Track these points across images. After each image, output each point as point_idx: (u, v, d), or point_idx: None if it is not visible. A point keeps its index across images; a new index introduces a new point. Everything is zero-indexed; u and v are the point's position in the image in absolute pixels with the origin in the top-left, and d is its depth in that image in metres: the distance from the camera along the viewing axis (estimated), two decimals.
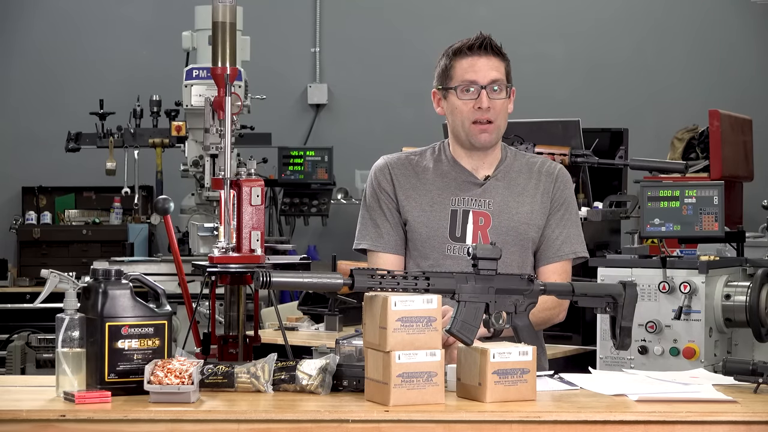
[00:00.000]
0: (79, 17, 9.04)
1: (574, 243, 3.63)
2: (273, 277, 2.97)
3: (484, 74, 3.52)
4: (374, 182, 3.63)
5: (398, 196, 3.60)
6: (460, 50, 3.55)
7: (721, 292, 4.73)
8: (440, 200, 3.58)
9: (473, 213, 3.57)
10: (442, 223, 3.56)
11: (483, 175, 3.60)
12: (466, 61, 3.53)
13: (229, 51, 3.46)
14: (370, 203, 3.63)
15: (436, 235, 3.56)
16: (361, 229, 3.65)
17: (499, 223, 3.56)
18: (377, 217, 3.61)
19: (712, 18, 8.75)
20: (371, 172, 3.66)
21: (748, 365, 3.11)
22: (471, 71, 3.52)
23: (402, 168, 3.63)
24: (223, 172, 3.40)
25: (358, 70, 9.10)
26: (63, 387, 2.98)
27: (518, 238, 3.57)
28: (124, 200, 8.15)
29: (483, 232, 3.55)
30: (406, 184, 3.60)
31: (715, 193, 4.75)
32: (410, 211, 3.58)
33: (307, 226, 8.51)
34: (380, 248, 3.60)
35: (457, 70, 3.54)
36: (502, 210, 3.57)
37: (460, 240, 3.55)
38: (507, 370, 2.92)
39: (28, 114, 8.97)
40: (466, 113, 3.53)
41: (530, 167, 3.65)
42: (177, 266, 3.89)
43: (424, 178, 3.60)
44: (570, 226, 3.63)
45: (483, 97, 3.51)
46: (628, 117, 7.90)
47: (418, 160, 3.64)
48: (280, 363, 3.08)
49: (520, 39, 8.75)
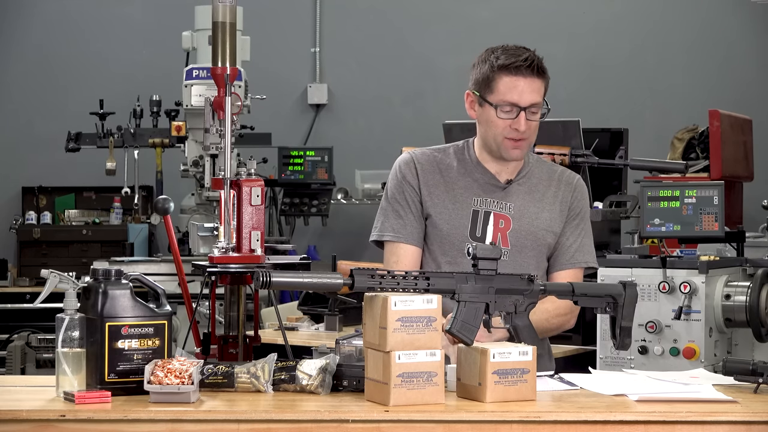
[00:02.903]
0: (79, 17, 9.04)
1: (587, 253, 3.67)
2: (273, 277, 2.97)
3: (527, 97, 3.51)
4: (399, 174, 3.64)
5: (422, 190, 3.61)
6: (506, 67, 3.51)
7: (721, 292, 4.73)
8: (463, 199, 3.59)
9: (494, 215, 3.59)
10: (463, 222, 3.58)
11: (505, 178, 3.62)
12: (511, 81, 3.51)
13: (229, 51, 3.46)
14: (394, 195, 3.63)
15: (456, 233, 3.58)
16: (383, 221, 3.64)
17: (519, 226, 3.58)
18: (400, 209, 3.62)
19: (712, 18, 8.74)
20: (396, 164, 3.66)
21: (748, 365, 3.12)
22: (515, 92, 3.50)
23: (427, 163, 3.63)
24: (223, 172, 3.40)
25: (358, 70, 9.10)
26: (63, 387, 2.98)
27: (536, 243, 3.59)
28: (124, 200, 8.14)
29: (503, 234, 3.57)
30: (430, 180, 3.61)
31: (715, 193, 4.75)
32: (433, 206, 3.60)
33: (307, 226, 8.50)
34: (402, 239, 3.61)
35: (500, 86, 3.51)
36: (522, 214, 3.59)
37: (480, 240, 3.56)
38: (507, 370, 2.93)
39: (28, 114, 8.96)
40: (501, 129, 3.53)
41: (551, 175, 3.67)
42: (177, 266, 3.89)
43: (447, 176, 3.62)
44: (585, 236, 3.67)
45: (521, 119, 3.51)
46: (628, 117, 7.90)
47: (442, 158, 3.65)
48: (280, 363, 3.09)
49: (521, 39, 8.67)
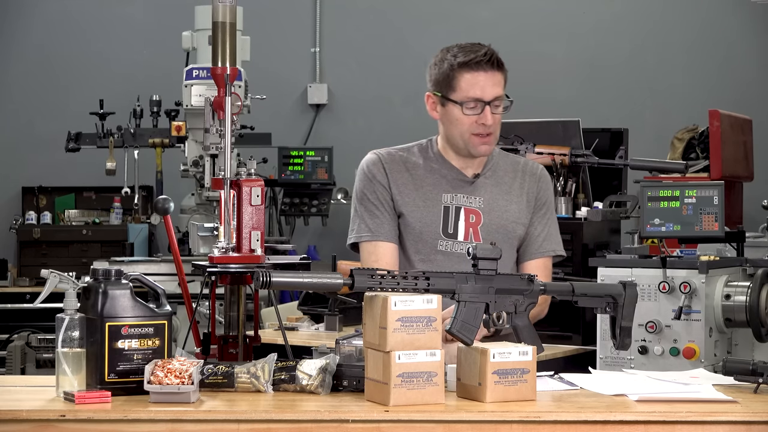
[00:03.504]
0: (80, 17, 9.03)
1: (554, 242, 3.73)
2: (273, 277, 2.97)
3: (490, 91, 3.53)
4: (368, 174, 3.66)
5: (392, 189, 3.63)
6: (466, 64, 3.52)
7: (721, 292, 4.73)
8: (432, 196, 3.62)
9: (465, 210, 3.62)
10: (435, 219, 3.60)
11: (472, 173, 3.65)
12: (472, 76, 3.52)
13: (229, 51, 3.46)
14: (365, 195, 3.65)
15: (429, 230, 3.60)
16: (359, 223, 3.66)
17: (489, 220, 3.62)
18: (374, 209, 3.64)
19: (712, 18, 8.74)
20: (363, 165, 3.68)
21: (748, 365, 3.12)
22: (477, 88, 3.52)
23: (393, 163, 3.66)
24: (223, 172, 3.40)
25: (358, 70, 9.09)
26: (63, 387, 2.98)
27: (507, 236, 3.62)
28: (124, 200, 8.13)
29: (474, 229, 3.61)
30: (399, 178, 3.64)
31: (715, 193, 4.74)
32: (404, 205, 3.62)
33: (307, 226, 8.50)
34: (381, 237, 3.62)
35: (462, 83, 3.53)
36: (492, 208, 3.63)
37: (452, 236, 3.60)
38: (507, 370, 2.93)
39: (28, 114, 8.96)
40: (468, 126, 3.56)
41: (515, 167, 3.71)
42: (177, 266, 3.89)
43: (415, 174, 3.64)
44: (551, 225, 3.73)
45: (487, 113, 3.53)
46: (628, 117, 7.89)
47: (407, 156, 3.68)
48: (280, 363, 3.09)
49: (520, 39, 8.74)
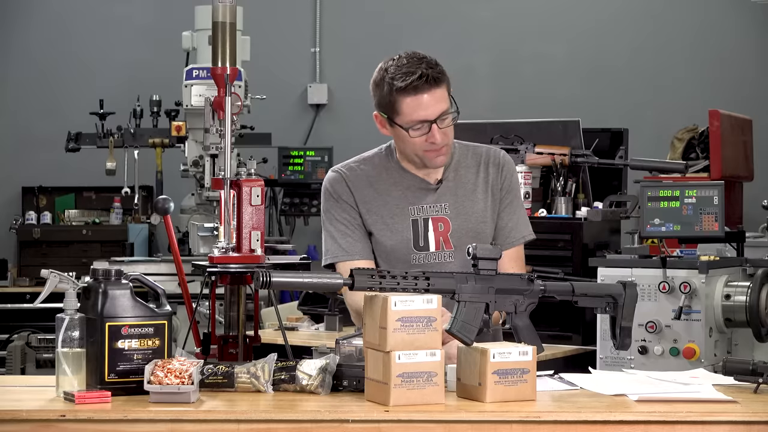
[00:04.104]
0: (79, 17, 9.03)
1: (522, 228, 3.65)
2: (273, 277, 2.97)
3: (433, 110, 3.43)
4: (334, 195, 3.58)
5: (359, 207, 3.56)
6: (403, 89, 3.43)
7: (721, 292, 4.73)
8: (399, 211, 3.56)
9: (432, 220, 3.56)
10: (405, 235, 3.55)
11: (434, 179, 3.59)
12: (412, 100, 3.43)
13: (229, 51, 3.46)
14: (334, 216, 3.57)
15: (401, 246, 3.55)
16: (332, 243, 3.57)
17: (457, 226, 3.56)
18: (344, 228, 3.56)
19: (711, 18, 8.74)
20: (326, 185, 3.59)
21: (748, 365, 3.12)
22: (420, 110, 3.43)
23: (357, 180, 3.58)
24: (223, 172, 3.40)
25: (358, 70, 9.03)
26: (63, 387, 2.98)
27: (477, 237, 3.54)
28: (124, 200, 8.13)
29: (444, 237, 3.55)
30: (365, 196, 3.57)
31: (715, 193, 4.75)
32: (373, 224, 3.56)
33: (307, 226, 8.50)
34: (357, 256, 3.54)
35: (404, 108, 3.45)
36: (458, 213, 3.57)
37: (423, 249, 3.55)
38: (507, 370, 2.93)
39: (28, 114, 8.96)
40: (419, 145, 3.48)
41: (477, 160, 3.63)
42: (177, 266, 3.90)
43: (379, 189, 3.58)
44: (517, 211, 3.65)
45: (435, 132, 3.45)
46: (628, 117, 7.88)
47: (368, 170, 3.60)
48: (280, 363, 3.09)
49: (521, 39, 8.75)
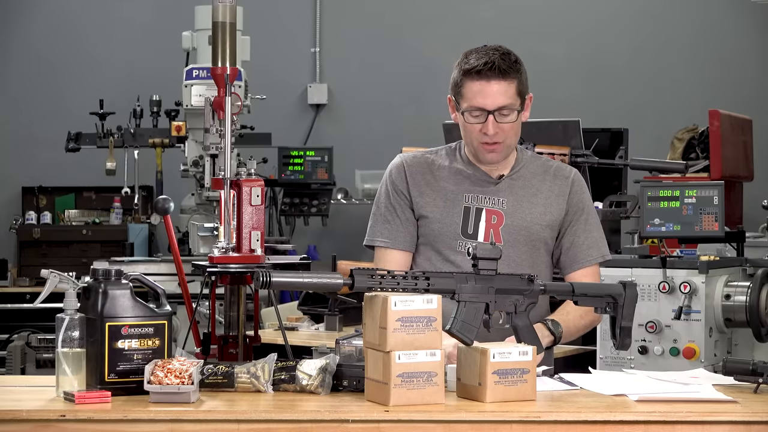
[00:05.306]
0: (79, 17, 9.03)
1: (601, 246, 3.64)
2: (273, 277, 2.97)
3: (492, 100, 3.46)
4: (388, 180, 3.66)
5: (412, 193, 3.61)
6: (470, 71, 3.47)
7: (721, 292, 4.73)
8: (454, 197, 3.59)
9: (486, 211, 3.58)
10: (455, 219, 3.57)
11: (497, 174, 3.61)
12: (476, 85, 3.46)
13: (229, 51, 3.46)
14: (384, 201, 3.65)
15: (448, 231, 3.57)
16: (373, 225, 3.66)
17: (511, 222, 3.57)
18: (388, 215, 3.63)
19: (711, 18, 8.74)
20: (387, 169, 3.67)
21: (748, 365, 3.12)
22: (480, 96, 3.46)
23: (417, 166, 3.63)
24: (223, 172, 3.41)
25: (358, 70, 9.09)
26: (63, 387, 2.98)
27: (529, 238, 3.57)
28: (124, 200, 8.13)
29: (495, 230, 3.56)
30: (420, 181, 3.61)
31: (715, 193, 4.75)
32: (424, 206, 3.60)
33: (307, 226, 8.50)
34: (390, 244, 3.62)
35: (467, 92, 3.48)
36: (515, 209, 3.58)
37: (472, 237, 3.56)
38: (507, 370, 2.93)
39: (28, 114, 8.96)
40: (475, 134, 3.51)
41: (545, 170, 3.65)
42: (177, 266, 3.90)
43: (438, 176, 3.61)
44: (594, 229, 3.64)
45: (490, 123, 3.47)
46: (628, 117, 7.88)
47: (433, 159, 3.65)
48: (280, 363, 3.09)
49: (520, 39, 8.72)
